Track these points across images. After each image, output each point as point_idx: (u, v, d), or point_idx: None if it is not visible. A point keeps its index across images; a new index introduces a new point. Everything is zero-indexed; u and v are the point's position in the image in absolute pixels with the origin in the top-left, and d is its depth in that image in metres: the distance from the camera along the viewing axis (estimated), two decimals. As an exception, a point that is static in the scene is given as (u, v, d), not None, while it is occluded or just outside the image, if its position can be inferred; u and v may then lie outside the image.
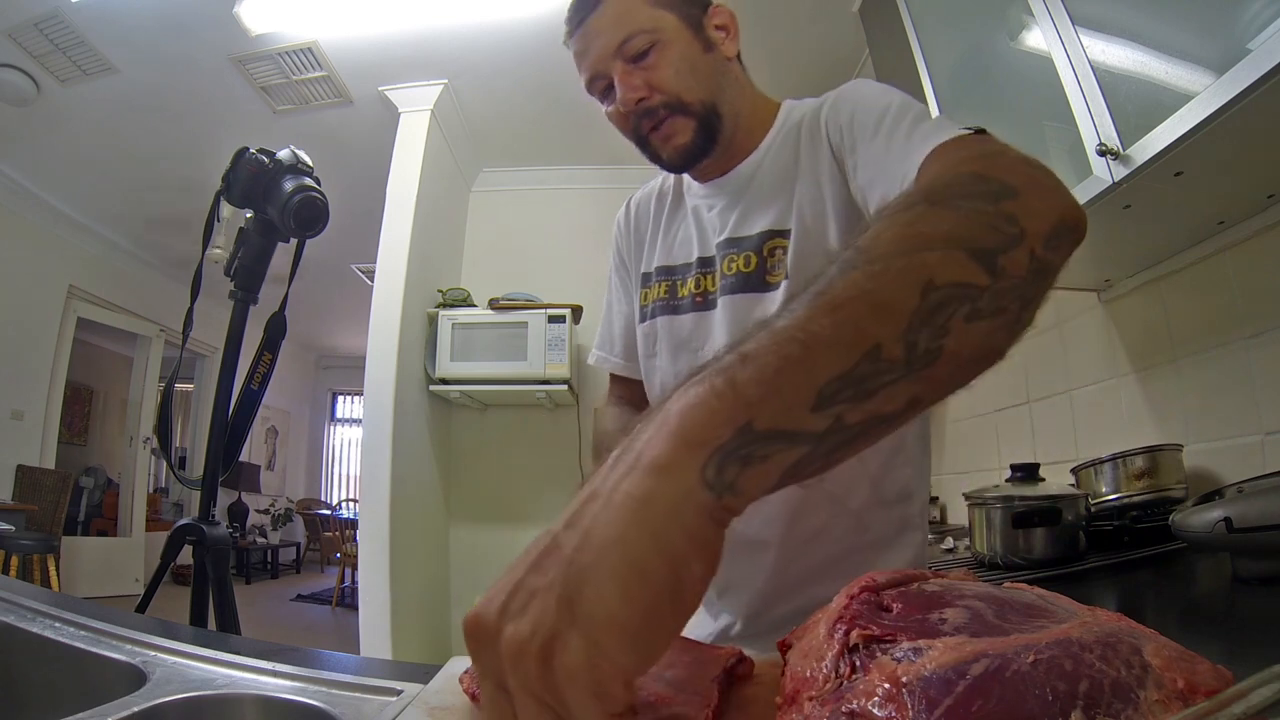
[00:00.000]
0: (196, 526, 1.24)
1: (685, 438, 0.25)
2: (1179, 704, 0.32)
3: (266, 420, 7.90)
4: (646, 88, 0.74)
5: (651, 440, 0.25)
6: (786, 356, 0.27)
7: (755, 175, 0.80)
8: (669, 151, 0.77)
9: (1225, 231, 1.18)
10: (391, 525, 2.64)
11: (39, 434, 4.52)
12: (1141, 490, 1.15)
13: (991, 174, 0.38)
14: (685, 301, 0.82)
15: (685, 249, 0.84)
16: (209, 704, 0.54)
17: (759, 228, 0.77)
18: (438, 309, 3.09)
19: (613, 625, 0.22)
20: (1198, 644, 0.38)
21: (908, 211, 0.35)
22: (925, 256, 0.31)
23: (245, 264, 1.31)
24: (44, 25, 2.67)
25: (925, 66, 1.65)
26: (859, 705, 0.34)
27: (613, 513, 0.24)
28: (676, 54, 0.75)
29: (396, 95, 3.09)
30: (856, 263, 0.31)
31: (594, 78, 0.77)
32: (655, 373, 0.86)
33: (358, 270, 5.18)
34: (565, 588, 0.23)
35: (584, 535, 0.24)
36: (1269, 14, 0.79)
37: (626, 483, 0.24)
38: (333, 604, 5.45)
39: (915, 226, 0.33)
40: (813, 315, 0.29)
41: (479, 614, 0.25)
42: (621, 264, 0.95)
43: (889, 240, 0.32)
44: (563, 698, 0.22)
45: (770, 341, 0.28)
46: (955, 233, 0.32)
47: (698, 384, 0.27)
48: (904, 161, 0.57)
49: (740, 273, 0.76)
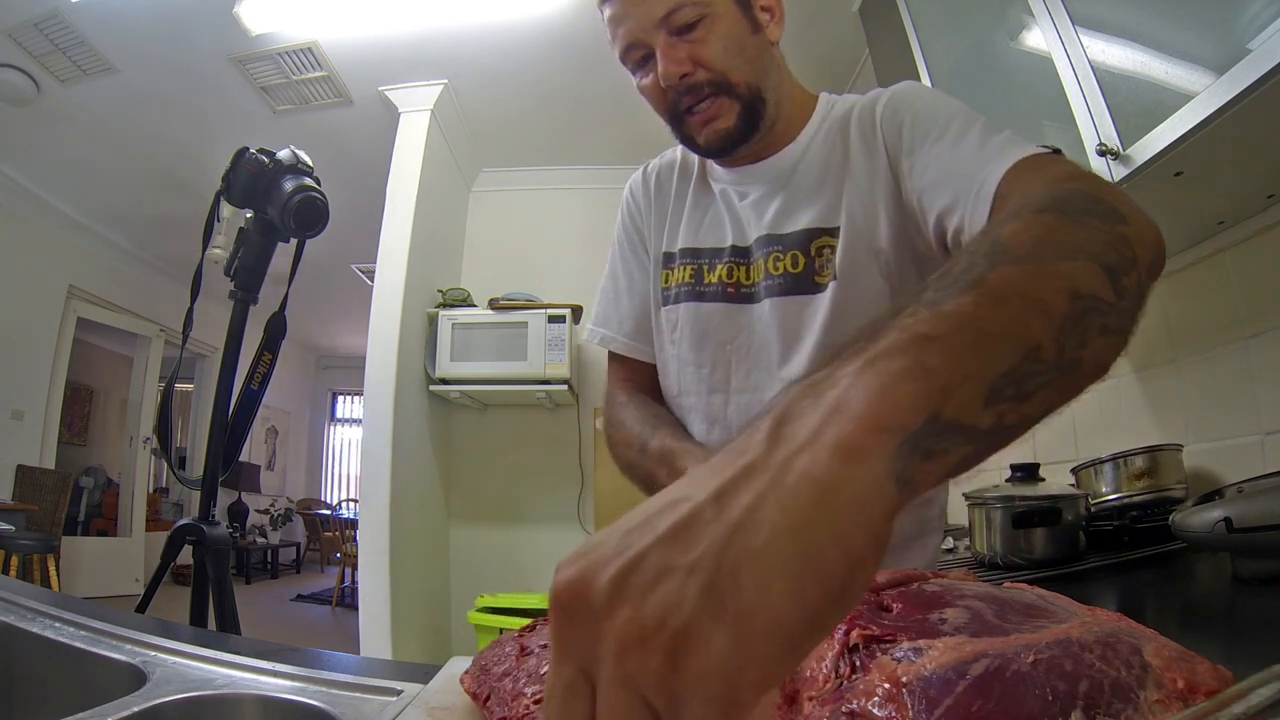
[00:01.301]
0: (196, 526, 1.24)
1: (878, 421, 0.22)
2: (1179, 704, 0.32)
3: (266, 420, 7.90)
4: (691, 63, 0.70)
5: (833, 418, 0.22)
6: (969, 345, 0.25)
7: (797, 168, 0.76)
8: (707, 134, 0.73)
9: (1225, 231, 1.18)
10: (391, 525, 2.64)
11: (39, 434, 4.52)
12: (1141, 490, 1.15)
13: (1103, 196, 0.39)
14: (713, 289, 0.77)
15: (715, 233, 0.80)
16: (209, 704, 0.54)
17: (802, 224, 0.73)
18: (438, 309, 3.09)
19: (774, 627, 0.19)
20: (1198, 644, 0.38)
21: (1042, 215, 0.34)
22: (1068, 264, 0.31)
23: (245, 264, 1.31)
24: (44, 25, 2.67)
25: (925, 66, 1.65)
26: (859, 705, 0.34)
27: (786, 495, 0.20)
28: (725, 30, 0.70)
29: (396, 95, 3.09)
30: (1003, 258, 0.30)
31: (631, 46, 0.72)
32: (673, 360, 0.81)
33: (358, 270, 5.17)
34: (716, 573, 0.19)
35: (746, 513, 0.20)
36: (1269, 14, 0.79)
37: (804, 461, 0.20)
38: (333, 604, 5.45)
39: (1054, 233, 0.33)
40: (979, 305, 0.27)
41: (582, 579, 0.20)
42: (636, 235, 0.88)
43: (1031, 242, 0.31)
44: (681, 704, 0.18)
45: (949, 327, 0.25)
46: (1089, 246, 0.32)
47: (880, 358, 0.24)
48: (980, 169, 0.57)
49: (789, 273, 0.73)
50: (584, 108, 3.19)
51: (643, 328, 0.86)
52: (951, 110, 0.67)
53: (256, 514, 7.43)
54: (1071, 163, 0.54)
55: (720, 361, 0.77)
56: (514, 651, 0.51)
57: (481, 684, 0.49)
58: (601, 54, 2.45)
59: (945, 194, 0.61)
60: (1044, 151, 0.56)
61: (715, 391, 0.77)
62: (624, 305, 0.87)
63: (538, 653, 0.50)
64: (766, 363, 0.74)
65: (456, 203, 3.56)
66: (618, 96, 3.12)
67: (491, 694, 0.47)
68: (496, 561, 3.17)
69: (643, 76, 0.74)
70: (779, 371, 0.73)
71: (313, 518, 7.68)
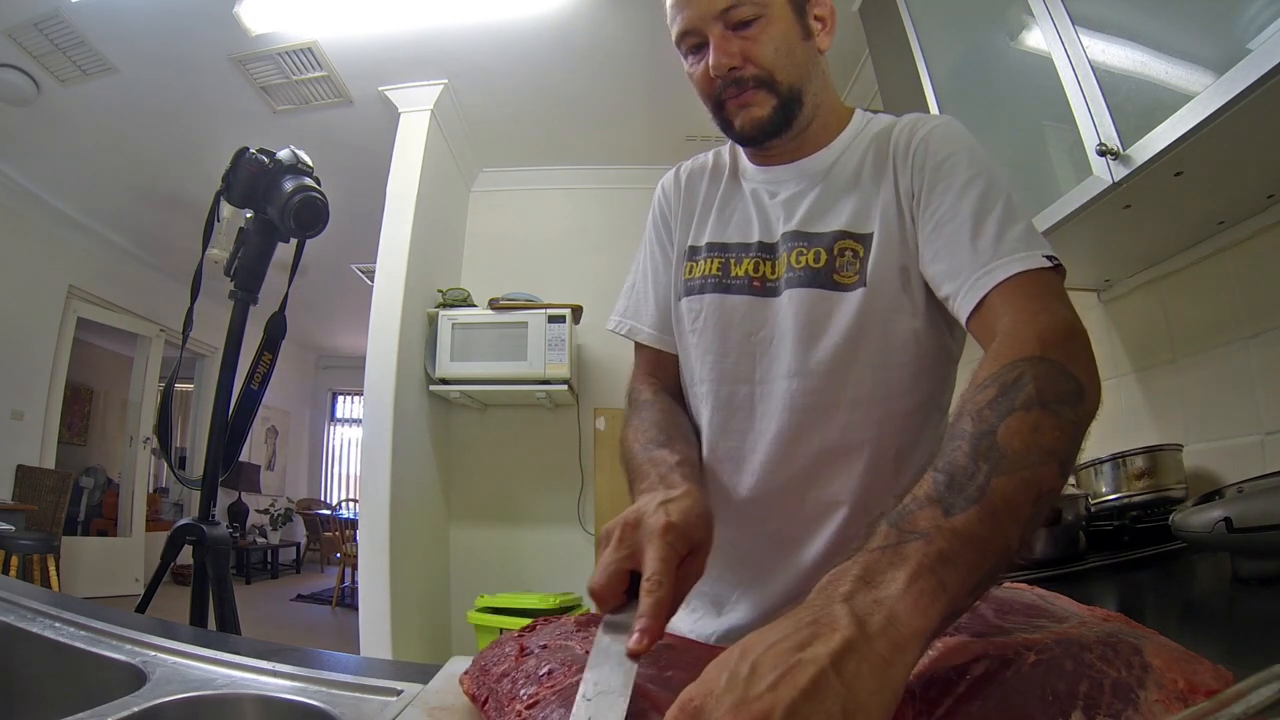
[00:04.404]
0: (196, 526, 1.24)
1: (918, 630, 0.33)
2: (1179, 704, 0.32)
3: (266, 420, 7.90)
4: (741, 58, 0.73)
5: (891, 625, 0.33)
6: (972, 564, 0.37)
7: (830, 171, 0.79)
8: (744, 119, 0.76)
9: (1225, 231, 1.18)
10: (391, 525, 2.64)
11: (39, 434, 4.52)
12: (1141, 490, 1.15)
13: (1073, 371, 0.48)
14: (739, 282, 0.79)
15: (742, 229, 0.82)
16: (209, 704, 0.54)
17: (834, 225, 0.76)
18: (438, 309, 3.09)
19: None
20: (1198, 644, 0.38)
21: (1030, 414, 0.44)
22: (1041, 470, 0.41)
23: (245, 264, 1.31)
24: (44, 25, 2.67)
25: (925, 66, 1.65)
26: (859, 705, 0.34)
27: (873, 668, 0.31)
28: (779, 32, 0.74)
29: (396, 95, 3.09)
30: (999, 465, 0.40)
31: (688, 32, 0.75)
32: (693, 349, 0.82)
33: (358, 270, 5.18)
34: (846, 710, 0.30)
35: (853, 678, 0.31)
36: (1269, 14, 0.79)
37: (879, 647, 0.32)
38: (333, 604, 5.45)
39: (1038, 434, 0.43)
40: (980, 522, 0.38)
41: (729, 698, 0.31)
42: (665, 231, 0.91)
43: (1021, 449, 0.42)
44: None
45: (960, 548, 0.37)
46: (1053, 445, 0.43)
47: (919, 577, 0.35)
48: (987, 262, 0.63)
49: (809, 267, 0.75)
50: (584, 108, 3.19)
51: (666, 320, 0.88)
52: (979, 170, 0.70)
53: (256, 514, 7.42)
54: (1059, 298, 0.60)
55: (744, 353, 0.78)
56: (513, 652, 0.51)
57: (480, 684, 0.49)
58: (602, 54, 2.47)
59: (946, 263, 0.67)
60: (1046, 267, 0.61)
61: (739, 381, 0.79)
62: (650, 298, 0.90)
63: (537, 653, 0.50)
64: (784, 353, 0.76)
65: (456, 203, 3.56)
66: (618, 96, 3.13)
67: (490, 695, 0.47)
68: (496, 561, 3.17)
69: (694, 63, 0.77)
70: (795, 364, 0.75)
71: (313, 518, 7.68)
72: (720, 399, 0.80)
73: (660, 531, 0.50)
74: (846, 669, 0.30)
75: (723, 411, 0.79)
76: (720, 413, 0.80)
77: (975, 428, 0.43)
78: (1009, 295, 0.60)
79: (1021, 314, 0.57)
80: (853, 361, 0.73)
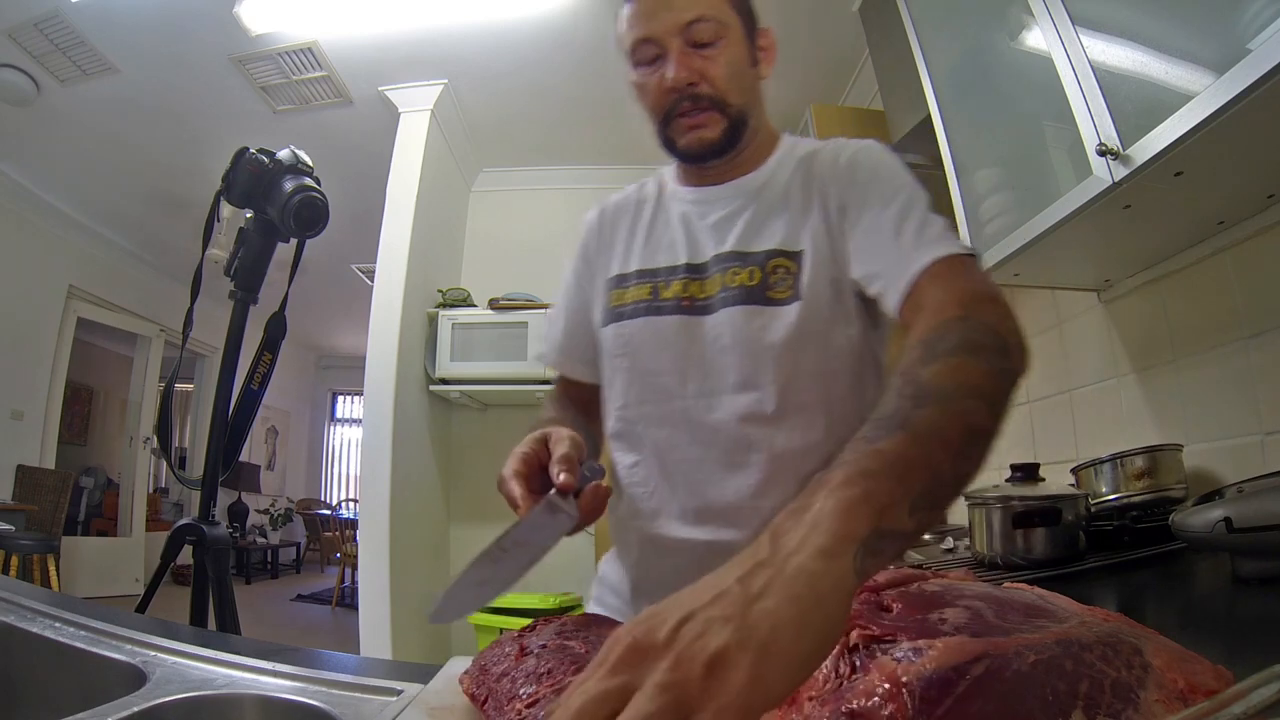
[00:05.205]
0: (196, 526, 1.25)
1: (841, 533, 0.33)
2: (1179, 704, 0.32)
3: (266, 420, 7.90)
4: (699, 75, 0.75)
5: (813, 532, 0.33)
6: (898, 476, 0.37)
7: (761, 192, 0.82)
8: (690, 140, 0.78)
9: (1225, 231, 1.17)
10: (391, 525, 2.64)
11: (39, 434, 4.52)
12: (1141, 490, 1.15)
13: (999, 329, 0.52)
14: (669, 304, 0.82)
15: (670, 253, 0.84)
16: (209, 704, 0.54)
17: (766, 245, 0.78)
18: (438, 309, 3.09)
19: (782, 658, 0.28)
20: (1198, 644, 0.38)
21: (953, 358, 0.46)
22: (966, 404, 0.42)
23: (245, 264, 1.32)
24: (44, 25, 2.67)
25: (925, 66, 1.64)
26: (859, 705, 0.34)
27: (787, 580, 0.30)
28: (734, 56, 0.77)
29: (396, 95, 3.09)
30: (925, 400, 0.42)
31: (646, 40, 0.76)
32: (623, 372, 0.84)
33: (358, 270, 5.18)
34: (745, 622, 0.28)
35: (763, 589, 0.30)
36: (1269, 14, 0.79)
37: (797, 560, 0.31)
38: (333, 604, 5.45)
39: (961, 373, 0.45)
40: (904, 443, 0.39)
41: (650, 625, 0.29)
42: (585, 269, 0.94)
43: (946, 386, 0.43)
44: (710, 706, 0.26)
45: (883, 463, 0.37)
46: (979, 383, 0.44)
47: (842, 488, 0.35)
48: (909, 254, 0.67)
49: (744, 285, 0.77)
50: (584, 107, 3.19)
51: (572, 349, 0.93)
52: (902, 183, 0.75)
53: (256, 514, 7.43)
54: (981, 274, 0.66)
55: (679, 370, 0.80)
56: (513, 652, 0.51)
57: (480, 685, 0.49)
58: (602, 54, 2.45)
59: (875, 262, 0.72)
60: (963, 254, 0.67)
61: (676, 398, 0.80)
62: (559, 328, 0.95)
63: (537, 653, 0.50)
64: (727, 368, 0.78)
65: (456, 203, 3.56)
66: (618, 96, 3.11)
67: (490, 695, 0.47)
68: (496, 561, 3.17)
69: (646, 72, 0.78)
70: (738, 377, 0.77)
71: (313, 518, 7.68)
72: (659, 417, 0.81)
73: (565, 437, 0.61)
74: (754, 583, 0.30)
75: (665, 429, 0.80)
76: (660, 430, 0.81)
77: (902, 380, 0.45)
78: (935, 279, 0.65)
79: (947, 288, 0.62)
80: (796, 371, 0.75)
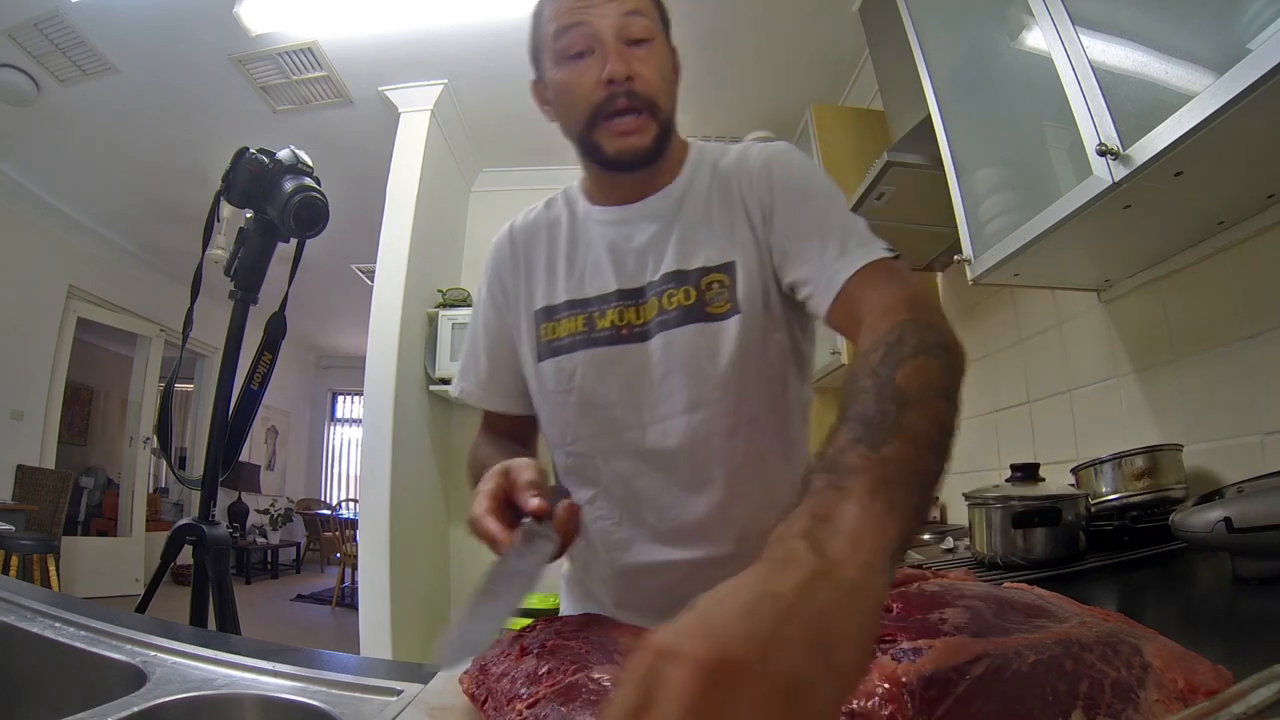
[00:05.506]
0: (196, 526, 1.24)
1: (880, 547, 0.33)
2: (1179, 704, 0.32)
3: (266, 420, 7.90)
4: (635, 73, 0.73)
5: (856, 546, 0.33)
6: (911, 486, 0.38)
7: (682, 207, 0.80)
8: (621, 146, 0.75)
9: (1225, 231, 1.17)
10: (391, 525, 2.64)
11: (39, 434, 4.52)
12: (1141, 490, 1.15)
13: (940, 327, 0.55)
14: (605, 334, 0.79)
15: (598, 281, 0.81)
16: (209, 704, 0.54)
17: (697, 262, 0.77)
18: (438, 309, 3.09)
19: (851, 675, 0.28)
20: (1198, 644, 0.38)
21: (917, 359, 0.49)
22: (938, 404, 0.45)
23: (245, 264, 1.31)
24: (44, 25, 2.67)
25: (925, 66, 1.64)
26: (859, 705, 0.34)
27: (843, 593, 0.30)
28: (663, 59, 0.77)
29: (396, 95, 3.09)
30: (906, 404, 0.43)
31: (575, 26, 0.73)
32: (570, 407, 0.81)
33: (358, 270, 5.18)
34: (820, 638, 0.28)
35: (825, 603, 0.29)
36: (1269, 14, 0.78)
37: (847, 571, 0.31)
38: (333, 604, 5.45)
39: (927, 373, 0.47)
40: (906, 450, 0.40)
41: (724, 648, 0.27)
42: (501, 296, 0.90)
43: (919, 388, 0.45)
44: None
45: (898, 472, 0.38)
46: (943, 384, 0.47)
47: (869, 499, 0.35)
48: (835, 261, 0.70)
49: (682, 306, 0.77)
50: (584, 108, 3.18)
51: (498, 383, 0.90)
52: (821, 186, 0.77)
53: (256, 514, 7.43)
54: (909, 276, 0.69)
55: (627, 400, 0.79)
56: (513, 652, 0.51)
57: (480, 685, 0.49)
58: (601, 54, 2.35)
59: (803, 268, 0.73)
60: (887, 257, 0.69)
61: (630, 428, 0.79)
62: (482, 362, 0.90)
63: (537, 653, 0.50)
64: (676, 389, 0.77)
65: (456, 202, 3.56)
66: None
67: (490, 695, 0.47)
68: (496, 561, 3.17)
69: (572, 66, 0.75)
70: (690, 396, 0.76)
71: (313, 518, 7.68)
72: (614, 449, 0.80)
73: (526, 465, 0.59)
74: (817, 598, 0.29)
75: (624, 460, 0.80)
76: (619, 461, 0.80)
77: (874, 381, 0.47)
78: (865, 281, 0.67)
79: (884, 292, 0.64)
80: (743, 383, 0.76)
